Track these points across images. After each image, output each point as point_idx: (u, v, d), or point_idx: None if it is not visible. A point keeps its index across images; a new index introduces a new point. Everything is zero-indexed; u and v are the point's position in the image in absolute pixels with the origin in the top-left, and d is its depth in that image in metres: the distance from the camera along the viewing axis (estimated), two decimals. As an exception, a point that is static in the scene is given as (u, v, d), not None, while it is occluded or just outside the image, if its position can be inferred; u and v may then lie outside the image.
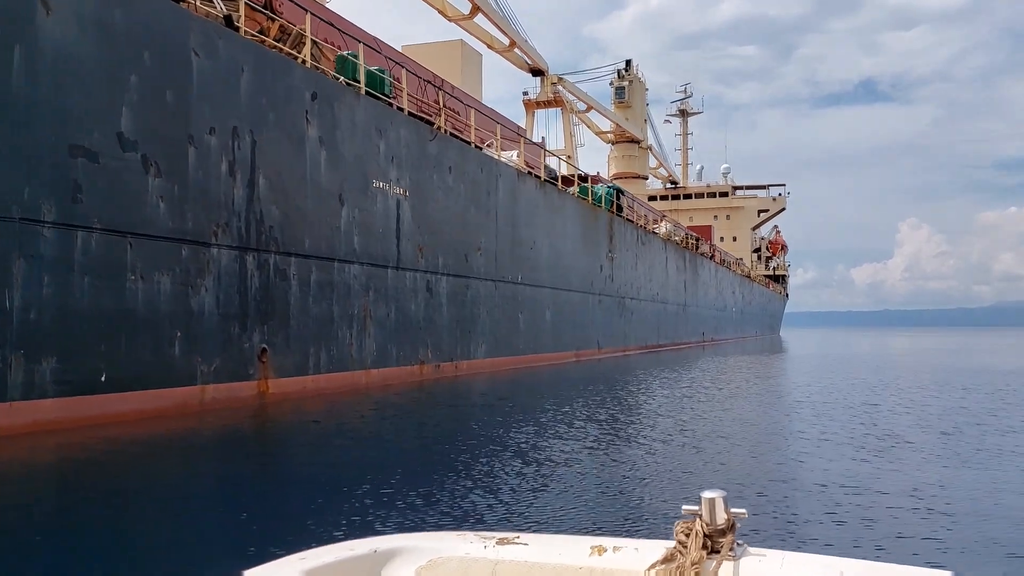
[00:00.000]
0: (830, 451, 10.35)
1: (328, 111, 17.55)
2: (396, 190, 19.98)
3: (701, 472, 8.93)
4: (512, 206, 26.66)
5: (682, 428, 12.63)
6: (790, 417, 14.72)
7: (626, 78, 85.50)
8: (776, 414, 15.39)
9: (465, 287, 23.42)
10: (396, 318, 19.94)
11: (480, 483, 8.12)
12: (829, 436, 11.72)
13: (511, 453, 9.96)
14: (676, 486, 8.06)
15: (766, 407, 16.67)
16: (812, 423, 13.30)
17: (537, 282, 28.49)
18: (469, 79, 36.19)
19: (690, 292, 51.78)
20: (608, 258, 36.00)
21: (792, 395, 19.41)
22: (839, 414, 14.51)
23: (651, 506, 7.21)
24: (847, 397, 17.83)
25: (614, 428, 12.50)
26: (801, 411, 15.30)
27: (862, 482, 8.29)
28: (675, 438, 11.53)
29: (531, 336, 27.86)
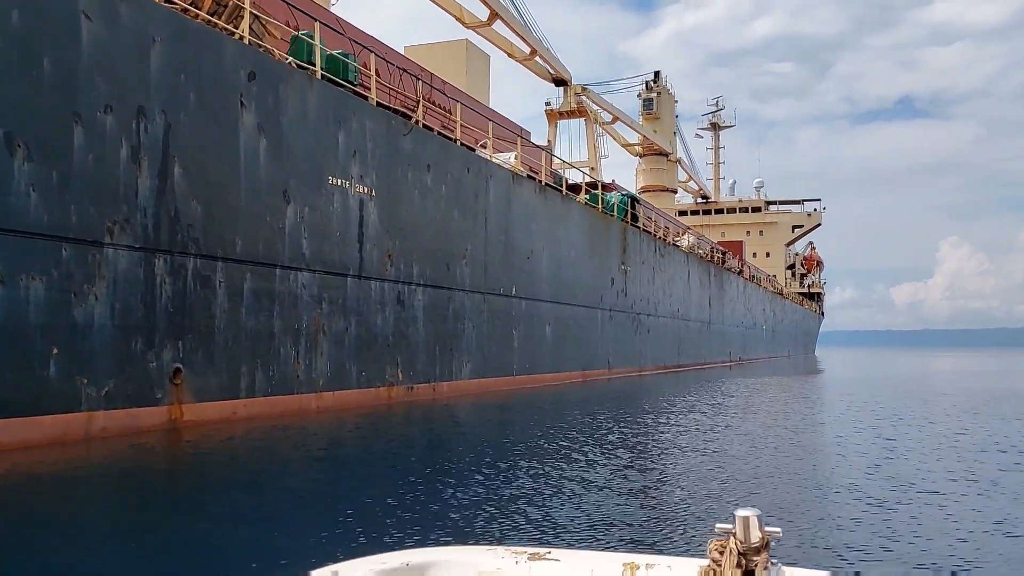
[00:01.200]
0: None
1: (270, 95, 15.15)
2: (359, 188, 17.51)
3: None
4: (505, 211, 24.08)
5: (669, 477, 9.87)
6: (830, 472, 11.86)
7: (654, 89, 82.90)
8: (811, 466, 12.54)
9: (447, 299, 20.85)
10: (357, 334, 17.42)
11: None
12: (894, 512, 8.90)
13: (426, 525, 7.31)
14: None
15: (795, 454, 13.80)
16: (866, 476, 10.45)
17: (535, 295, 25.83)
18: (475, 81, 33.84)
19: (715, 309, 48.64)
20: (621, 271, 33.21)
21: (830, 433, 16.46)
22: (899, 468, 11.60)
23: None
24: (901, 443, 14.86)
25: (582, 481, 9.78)
26: (847, 461, 12.42)
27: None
28: (666, 491, 8.79)
29: (527, 354, 25.17)
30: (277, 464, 10.93)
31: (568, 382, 27.77)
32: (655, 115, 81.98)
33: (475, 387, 22.01)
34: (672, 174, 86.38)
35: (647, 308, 36.33)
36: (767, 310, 66.98)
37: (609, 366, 32.01)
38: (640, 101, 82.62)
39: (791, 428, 15.98)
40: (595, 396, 24.06)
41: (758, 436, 14.34)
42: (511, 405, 20.42)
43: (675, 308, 40.64)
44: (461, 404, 19.71)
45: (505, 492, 8.53)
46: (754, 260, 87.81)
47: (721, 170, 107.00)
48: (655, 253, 37.77)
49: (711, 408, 19.72)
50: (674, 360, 40.45)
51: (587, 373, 29.77)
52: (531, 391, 23.96)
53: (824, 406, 22.50)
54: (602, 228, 31.72)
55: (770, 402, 22.86)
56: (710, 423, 16.20)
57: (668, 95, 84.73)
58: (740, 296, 56.23)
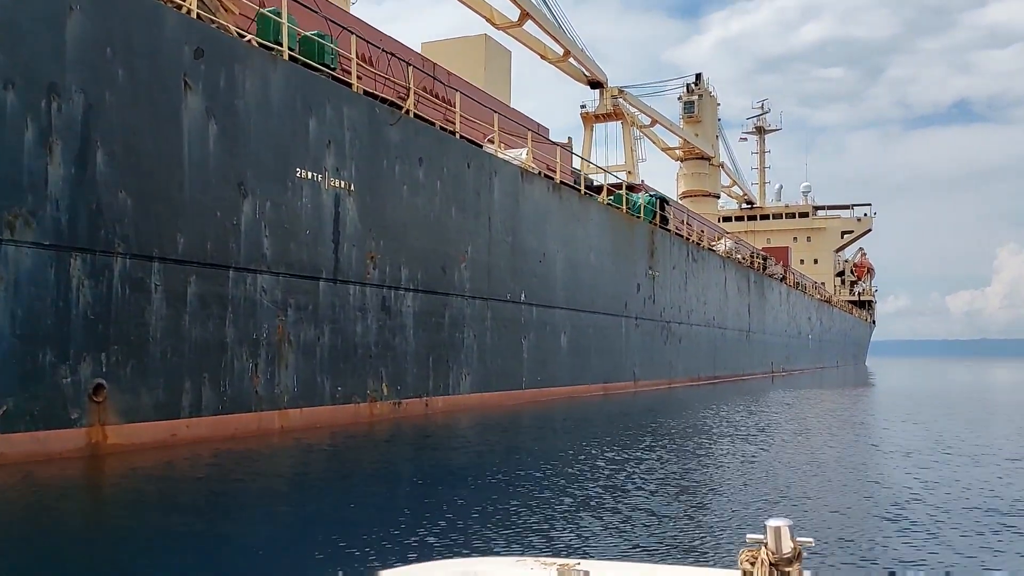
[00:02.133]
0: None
1: (222, 75, 13.36)
2: (334, 182, 15.65)
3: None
4: (513, 210, 22.03)
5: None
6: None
7: (695, 92, 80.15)
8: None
9: (442, 306, 18.86)
10: (332, 344, 15.53)
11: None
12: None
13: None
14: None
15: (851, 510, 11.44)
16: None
17: (549, 301, 23.71)
18: (495, 77, 31.91)
19: (755, 317, 45.82)
20: (648, 276, 30.88)
21: (892, 470, 14.01)
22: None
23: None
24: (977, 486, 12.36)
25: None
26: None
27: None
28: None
29: (539, 366, 23.05)
30: (184, 500, 9.03)
31: (587, 396, 25.56)
32: (696, 118, 79.29)
33: (476, 402, 19.97)
34: (715, 179, 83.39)
35: (678, 316, 33.88)
36: (813, 318, 63.63)
37: (635, 378, 29.68)
38: (681, 104, 80.00)
39: (845, 464, 13.60)
40: (611, 412, 21.83)
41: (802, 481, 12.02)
42: (511, 423, 18.33)
43: (710, 316, 38.06)
44: (456, 422, 17.70)
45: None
46: (801, 267, 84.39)
47: (767, 175, 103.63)
48: (687, 258, 35.31)
49: (738, 429, 17.36)
50: (709, 372, 37.86)
51: (609, 386, 27.50)
52: (542, 406, 21.83)
53: (876, 433, 19.94)
54: (626, 230, 29.46)
55: (808, 427, 20.37)
56: (739, 452, 13.90)
57: (710, 98, 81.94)
58: (783, 304, 53.20)
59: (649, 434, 15.80)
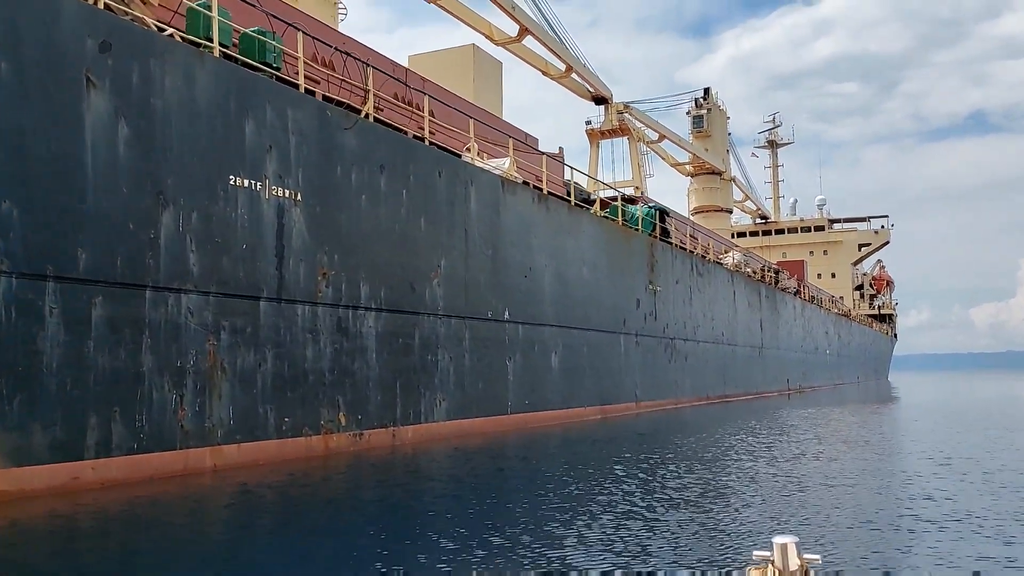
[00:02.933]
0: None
1: (134, 71, 11.83)
2: (278, 191, 14.05)
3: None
4: (493, 222, 20.35)
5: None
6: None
7: (704, 106, 78.50)
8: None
9: (411, 326, 17.17)
10: (276, 370, 13.85)
11: None
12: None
13: None
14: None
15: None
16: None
17: (536, 319, 21.93)
18: (485, 88, 30.43)
19: (768, 332, 43.69)
20: (649, 291, 29.04)
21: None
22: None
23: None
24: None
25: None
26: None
27: None
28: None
29: (526, 389, 21.24)
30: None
31: (582, 420, 23.68)
32: (706, 133, 77.62)
33: (454, 430, 18.19)
34: (726, 194, 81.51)
35: (683, 332, 31.94)
36: (830, 333, 61.25)
37: (637, 399, 27.75)
38: (690, 119, 78.41)
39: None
40: (605, 438, 19.94)
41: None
42: (487, 454, 16.51)
43: (719, 332, 36.06)
44: (425, 454, 15.93)
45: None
46: (818, 281, 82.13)
47: (781, 189, 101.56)
48: (692, 271, 33.41)
49: (749, 452, 15.44)
50: (719, 390, 35.80)
51: (608, 408, 25.60)
52: (530, 432, 20.01)
53: (907, 460, 17.93)
54: (623, 243, 27.68)
55: (827, 457, 18.41)
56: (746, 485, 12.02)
57: (719, 112, 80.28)
58: (798, 318, 50.99)
59: (627, 466, 13.93)
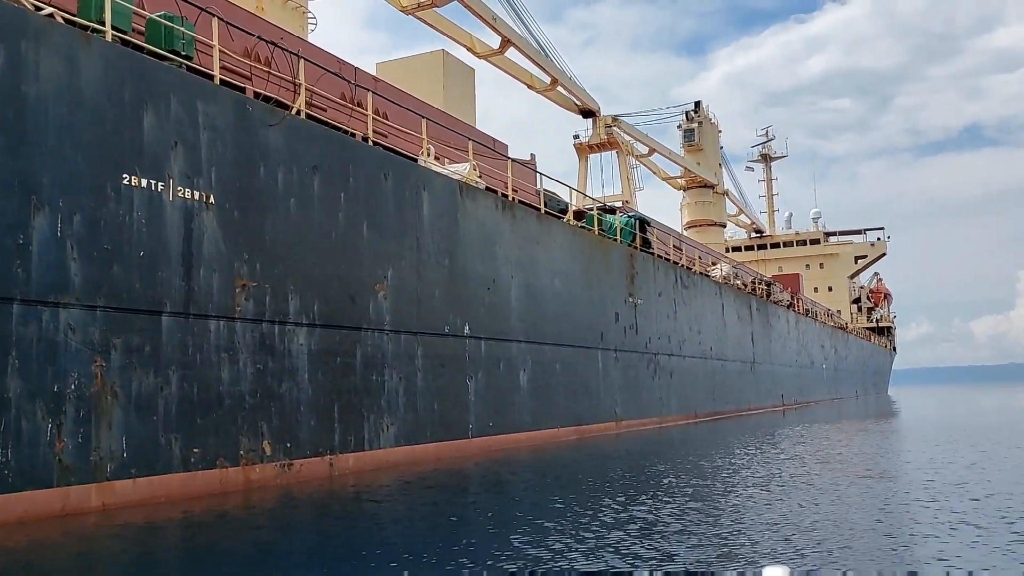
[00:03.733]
0: None
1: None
2: (185, 192, 12.42)
3: None
4: (450, 230, 18.70)
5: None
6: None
7: (695, 120, 77.19)
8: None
9: (352, 343, 15.47)
10: (182, 394, 12.15)
11: None
12: None
13: None
14: None
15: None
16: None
17: (502, 334, 20.23)
18: (456, 94, 28.98)
19: (760, 346, 41.91)
20: (628, 303, 27.34)
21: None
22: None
23: None
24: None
25: None
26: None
27: None
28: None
29: (490, 410, 19.49)
30: None
31: (555, 441, 21.90)
32: (697, 146, 76.28)
33: (404, 457, 16.44)
34: (719, 207, 79.98)
35: (667, 347, 30.20)
36: (827, 347, 59.41)
37: (617, 418, 25.98)
38: (681, 132, 77.10)
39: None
40: (574, 463, 18.18)
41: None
42: (432, 484, 14.74)
43: (707, 347, 34.30)
44: (367, 484, 14.18)
45: None
46: (815, 295, 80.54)
47: (776, 203, 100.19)
48: (676, 283, 31.73)
49: (725, 479, 13.67)
50: (708, 407, 33.98)
51: (584, 428, 23.82)
52: (495, 457, 18.24)
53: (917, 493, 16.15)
54: (600, 254, 26.02)
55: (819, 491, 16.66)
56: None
57: (711, 125, 79.00)
58: (792, 332, 49.20)
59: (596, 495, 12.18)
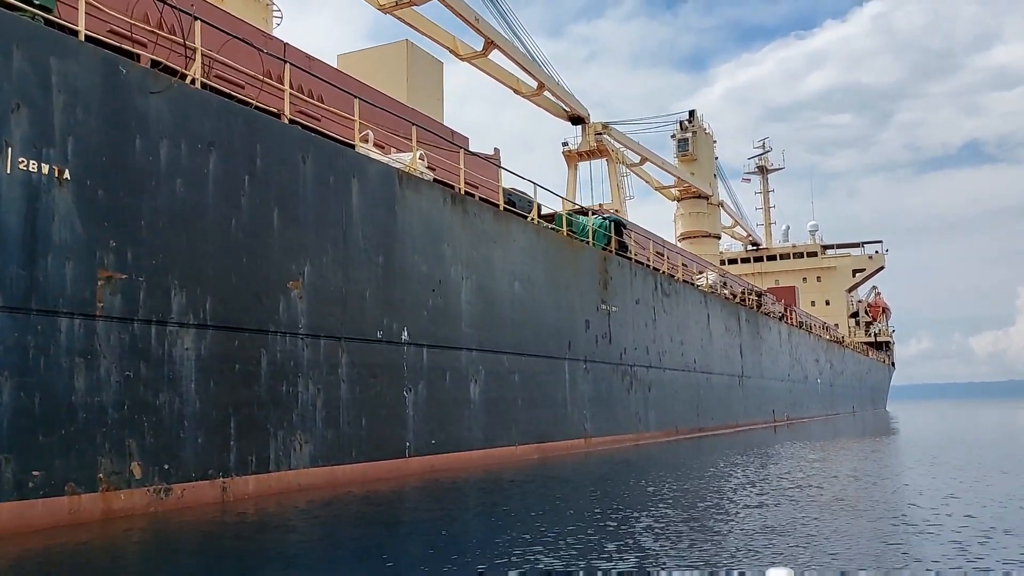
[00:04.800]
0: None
1: None
2: (30, 165, 10.30)
3: None
4: (386, 223, 16.55)
5: None
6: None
7: (689, 129, 75.26)
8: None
9: (256, 348, 13.27)
10: (18, 405, 9.95)
11: None
12: None
13: None
14: None
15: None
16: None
17: (449, 341, 18.03)
18: (422, 86, 26.93)
19: (750, 359, 39.62)
20: (601, 311, 25.14)
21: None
22: None
23: None
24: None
25: None
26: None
27: None
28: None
29: (434, 426, 17.26)
30: None
31: (513, 460, 19.65)
32: (691, 156, 74.34)
33: (323, 479, 14.21)
34: (714, 219, 77.84)
35: (645, 358, 27.95)
36: (821, 361, 57.04)
37: (586, 434, 23.71)
38: (675, 142, 75.20)
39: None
40: (515, 487, 15.94)
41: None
42: (342, 513, 12.50)
43: (690, 359, 32.03)
44: (260, 513, 11.94)
45: None
46: (812, 308, 78.40)
47: (773, 216, 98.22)
48: (657, 291, 29.51)
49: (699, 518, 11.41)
50: (692, 422, 31.67)
51: (548, 446, 21.56)
52: (437, 480, 16.01)
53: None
54: (569, 256, 23.84)
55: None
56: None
57: (705, 135, 77.08)
58: (784, 345, 46.88)
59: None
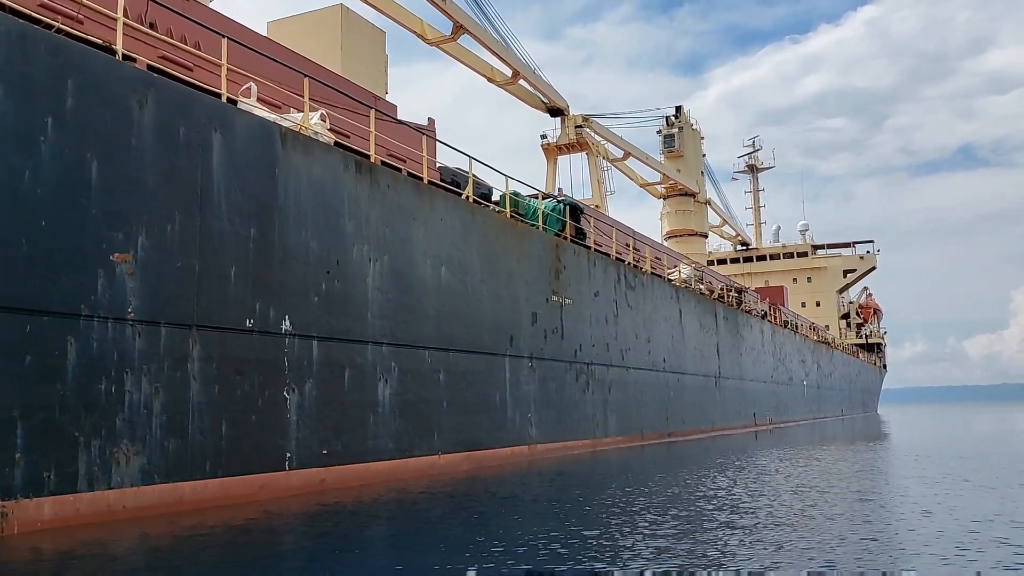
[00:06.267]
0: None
1: None
2: None
3: None
4: (262, 189, 13.61)
5: None
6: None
7: (676, 125, 72.47)
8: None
9: (60, 336, 10.34)
10: None
11: None
12: None
13: None
14: None
15: None
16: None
17: (350, 333, 15.09)
18: (358, 58, 24.00)
19: (728, 359, 36.67)
20: (552, 303, 22.21)
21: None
22: None
23: None
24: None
25: None
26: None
27: None
28: None
29: (326, 432, 14.30)
30: None
31: (433, 472, 16.70)
32: (677, 152, 71.55)
33: (163, 499, 11.24)
34: (701, 217, 74.97)
35: (605, 356, 25.01)
36: (808, 362, 54.06)
37: (531, 440, 20.76)
38: (660, 138, 72.40)
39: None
40: (411, 511, 13.00)
41: None
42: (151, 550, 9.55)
43: (658, 357, 29.07)
44: (40, 551, 9.01)
45: None
46: (803, 309, 75.64)
47: (763, 216, 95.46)
48: (620, 283, 26.58)
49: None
50: (659, 427, 28.70)
51: (482, 455, 18.60)
52: (324, 496, 13.09)
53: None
54: (512, 241, 20.91)
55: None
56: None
57: (692, 131, 74.34)
58: (767, 345, 43.92)
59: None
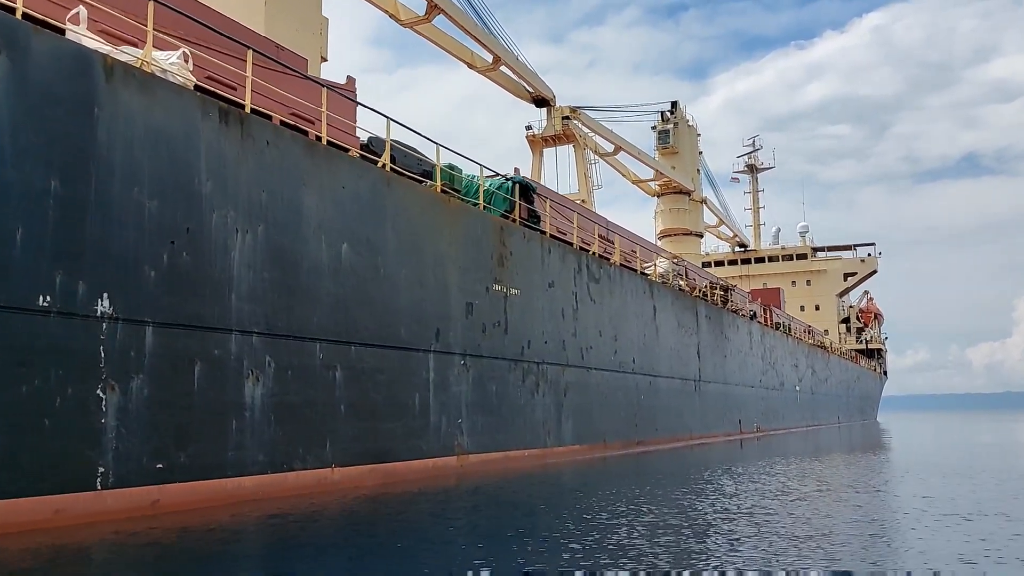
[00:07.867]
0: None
1: None
2: None
3: None
4: (71, 130, 10.62)
5: None
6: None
7: (671, 120, 69.31)
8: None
9: None
10: None
11: None
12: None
13: None
14: None
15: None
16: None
17: (202, 319, 12.06)
18: (285, 19, 21.08)
19: (710, 362, 33.50)
20: (495, 293, 19.16)
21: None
22: None
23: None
24: None
25: None
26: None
27: None
28: None
29: (163, 440, 11.28)
30: None
31: (323, 489, 13.67)
32: (672, 149, 68.37)
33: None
34: (696, 216, 71.67)
35: (560, 355, 21.91)
36: (801, 366, 50.74)
37: (461, 450, 17.69)
38: (655, 134, 69.23)
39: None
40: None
41: None
42: None
43: (627, 358, 25.95)
44: None
45: None
46: (801, 313, 72.30)
47: (763, 217, 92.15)
48: (581, 273, 23.50)
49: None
50: (627, 434, 25.56)
51: (393, 468, 15.53)
52: (147, 525, 10.11)
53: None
54: (442, 220, 17.87)
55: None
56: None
57: (688, 128, 71.09)
58: (755, 347, 40.70)
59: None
